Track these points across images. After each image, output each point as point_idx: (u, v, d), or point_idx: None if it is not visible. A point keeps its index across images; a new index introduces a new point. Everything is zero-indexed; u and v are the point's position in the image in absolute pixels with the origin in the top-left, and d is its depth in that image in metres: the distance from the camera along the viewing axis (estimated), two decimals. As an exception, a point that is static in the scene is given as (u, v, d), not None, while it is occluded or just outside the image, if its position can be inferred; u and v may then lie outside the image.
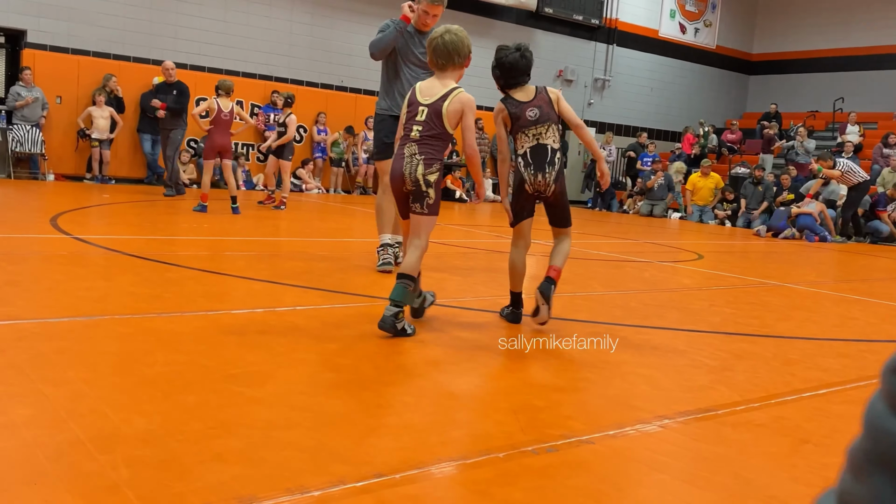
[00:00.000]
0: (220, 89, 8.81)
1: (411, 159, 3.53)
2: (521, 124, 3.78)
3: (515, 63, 3.80)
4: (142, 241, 6.08)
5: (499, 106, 3.87)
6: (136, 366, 2.69)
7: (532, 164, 3.75)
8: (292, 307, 3.85)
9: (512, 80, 3.83)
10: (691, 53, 21.10)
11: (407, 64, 5.23)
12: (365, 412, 2.38)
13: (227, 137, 8.79)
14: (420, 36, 5.22)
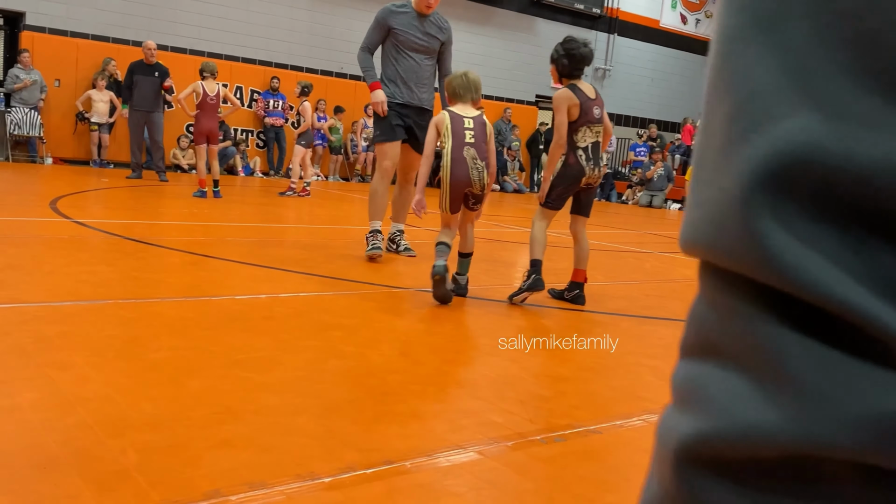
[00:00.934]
0: (204, 72, 8.72)
1: (474, 164, 3.97)
2: (588, 119, 4.08)
3: (587, 56, 4.13)
4: (143, 225, 6.06)
5: (567, 94, 4.07)
6: (141, 350, 2.68)
7: (592, 158, 4.08)
8: (295, 293, 3.84)
9: (577, 72, 4.14)
10: (692, 44, 21.04)
11: (408, 49, 5.13)
12: (372, 399, 2.38)
13: (215, 121, 8.73)
14: (421, 20, 5.11)
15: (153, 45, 10.95)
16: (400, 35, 5.05)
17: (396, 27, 5.05)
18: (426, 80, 5.20)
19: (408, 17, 5.06)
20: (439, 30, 5.16)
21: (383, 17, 5.07)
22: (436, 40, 5.14)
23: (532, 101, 18.50)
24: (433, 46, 5.15)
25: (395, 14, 5.06)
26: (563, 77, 4.20)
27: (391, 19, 5.05)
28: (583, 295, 4.26)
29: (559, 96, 4.10)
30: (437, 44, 5.16)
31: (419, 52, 5.11)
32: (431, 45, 5.14)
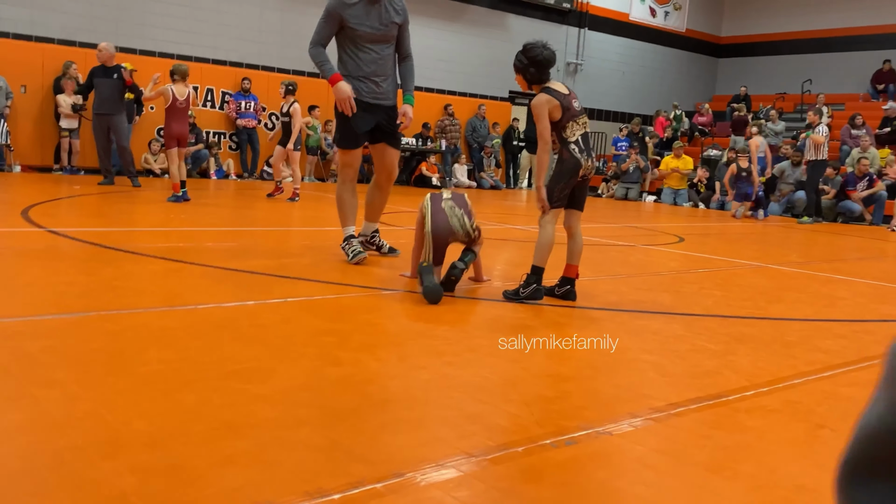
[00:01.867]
0: (175, 74, 8.55)
1: (452, 212, 4.18)
2: (573, 114, 4.08)
3: (551, 58, 4.10)
4: (119, 233, 5.91)
5: (545, 98, 4.04)
6: (129, 364, 2.58)
7: (585, 149, 4.09)
8: (283, 299, 3.74)
9: (546, 76, 4.11)
10: (662, 37, 21.14)
11: (367, 41, 4.79)
12: (374, 407, 2.30)
13: (185, 125, 8.57)
14: (376, 6, 4.75)
15: (105, 45, 10.46)
16: (357, 28, 4.71)
17: (351, 19, 4.70)
18: (389, 70, 4.92)
19: (361, 6, 4.70)
20: (395, 12, 4.82)
21: (335, 8, 4.69)
22: (394, 25, 4.82)
23: (506, 97, 18.46)
24: (392, 32, 4.83)
25: (347, 5, 4.68)
26: (534, 84, 4.15)
27: (344, 11, 4.69)
28: (574, 291, 4.22)
29: (538, 103, 4.04)
30: (396, 28, 4.84)
31: (379, 42, 4.80)
32: (390, 31, 4.82)
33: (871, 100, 18.86)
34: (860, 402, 2.72)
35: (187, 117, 8.61)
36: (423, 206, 4.31)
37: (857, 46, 19.79)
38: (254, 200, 9.64)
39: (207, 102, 13.99)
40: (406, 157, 16.06)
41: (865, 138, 14.58)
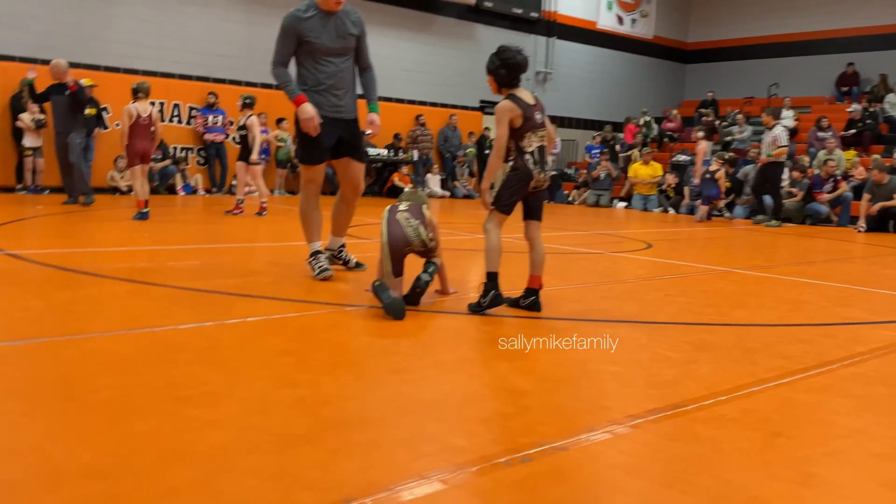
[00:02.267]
0: (139, 92, 8.49)
1: (408, 222, 4.17)
2: (532, 125, 4.09)
3: (524, 64, 4.13)
4: (80, 254, 5.82)
5: (509, 105, 4.06)
6: (79, 392, 2.52)
7: (539, 162, 4.09)
8: (242, 318, 3.69)
9: (516, 80, 4.14)
10: (629, 44, 21.34)
11: (326, 55, 4.73)
12: (328, 430, 2.27)
13: (149, 142, 8.50)
14: (332, 19, 4.69)
15: (56, 62, 10.08)
16: (314, 42, 4.66)
17: (308, 34, 4.64)
18: (349, 83, 4.88)
19: (316, 19, 4.65)
20: (352, 24, 4.78)
21: (291, 25, 4.64)
22: (352, 37, 4.79)
23: (476, 107, 18.51)
24: (350, 45, 4.80)
25: (303, 20, 4.63)
26: (503, 87, 4.18)
27: (300, 25, 4.63)
28: (539, 301, 4.21)
29: (501, 108, 4.08)
30: (354, 40, 4.81)
31: (338, 56, 4.75)
32: (348, 43, 4.78)
33: (836, 102, 19.15)
34: (816, 407, 2.74)
35: (150, 134, 8.53)
36: (382, 218, 4.29)
37: (822, 50, 20.10)
38: (220, 216, 9.55)
39: (174, 118, 13.88)
40: (378, 168, 16.04)
41: (831, 140, 14.79)
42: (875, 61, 18.86)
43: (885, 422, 2.63)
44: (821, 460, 2.22)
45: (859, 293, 5.55)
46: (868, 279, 6.47)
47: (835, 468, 2.16)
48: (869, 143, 16.05)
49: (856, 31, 19.54)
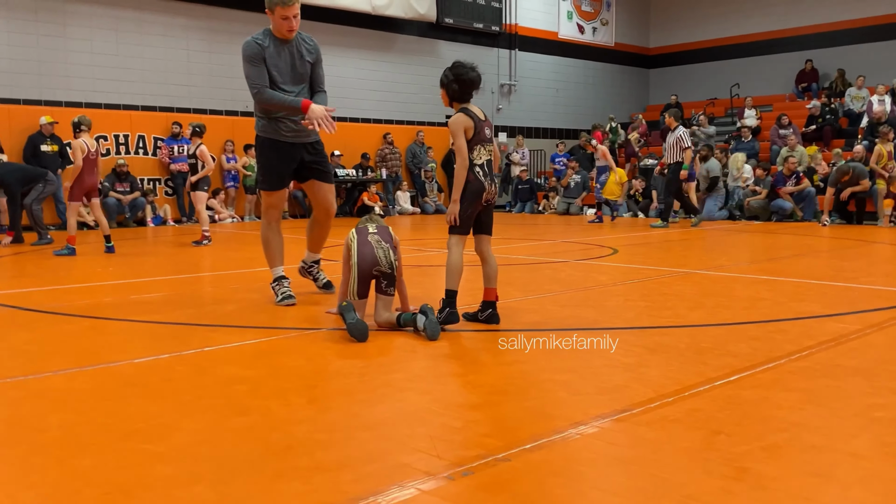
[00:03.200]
0: (81, 125, 8.50)
1: (379, 244, 4.16)
2: (481, 139, 4.18)
3: (476, 80, 4.23)
4: (39, 293, 5.79)
5: (462, 117, 4.18)
6: (27, 432, 2.53)
7: (488, 174, 4.19)
8: (199, 349, 3.71)
9: (468, 95, 4.24)
10: (592, 52, 21.58)
11: (282, 84, 4.76)
12: (274, 456, 2.29)
13: (96, 176, 8.54)
14: (287, 48, 4.75)
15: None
16: (272, 69, 4.69)
17: (268, 61, 4.68)
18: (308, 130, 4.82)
19: (274, 48, 4.70)
20: (308, 52, 4.84)
21: (256, 51, 4.66)
22: (306, 64, 4.84)
23: (443, 122, 18.59)
24: (305, 71, 4.85)
25: (263, 47, 4.68)
26: (455, 101, 4.27)
27: (262, 50, 4.68)
28: (496, 314, 4.26)
29: (455, 121, 4.18)
30: (308, 67, 4.86)
31: (294, 83, 4.79)
32: (304, 70, 4.84)
33: (797, 99, 19.48)
34: (759, 403, 2.80)
35: (96, 168, 8.59)
36: (349, 239, 4.30)
37: (780, 49, 20.45)
38: (186, 247, 9.52)
39: (140, 149, 13.85)
40: (348, 188, 16.07)
41: (792, 137, 15.04)
42: (832, 57, 19.23)
43: (825, 413, 2.69)
44: (756, 455, 2.27)
45: (815, 287, 5.65)
46: (825, 273, 6.59)
47: (769, 462, 2.22)
48: (830, 137, 16.33)
49: (812, 28, 19.91)
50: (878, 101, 15.74)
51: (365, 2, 16.28)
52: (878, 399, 2.85)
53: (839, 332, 3.99)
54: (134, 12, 13.81)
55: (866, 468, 2.19)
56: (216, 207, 14.33)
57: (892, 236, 10.30)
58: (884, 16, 18.65)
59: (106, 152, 13.40)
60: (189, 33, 14.48)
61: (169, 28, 14.21)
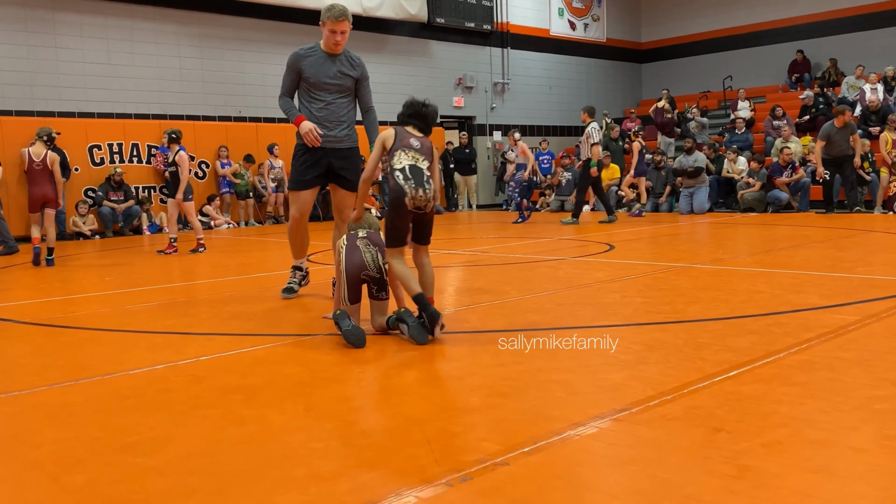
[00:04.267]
0: (37, 135, 8.54)
1: (367, 248, 4.13)
2: (403, 144, 4.13)
3: (426, 116, 4.29)
4: (35, 305, 5.77)
5: (388, 132, 4.21)
6: (21, 448, 2.51)
7: (412, 178, 3.99)
8: (195, 358, 3.68)
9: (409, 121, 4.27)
10: (584, 49, 21.55)
11: (319, 90, 5.05)
12: (270, 466, 2.27)
13: (47, 187, 8.47)
14: (331, 60, 5.03)
15: None
16: (310, 77, 5.01)
17: (306, 70, 5.01)
18: (342, 118, 5.14)
19: (316, 58, 5.02)
20: (351, 67, 5.11)
21: (293, 61, 5.03)
22: (348, 78, 5.10)
23: (437, 122, 18.56)
24: (346, 84, 5.11)
25: (304, 57, 5.01)
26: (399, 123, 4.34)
27: (301, 62, 5.01)
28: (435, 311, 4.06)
29: (380, 135, 4.32)
30: (350, 81, 5.12)
31: (331, 92, 5.06)
32: (343, 83, 5.09)
33: (790, 90, 19.46)
34: (759, 399, 2.78)
35: (48, 179, 8.50)
36: (339, 244, 4.29)
37: (771, 40, 20.44)
38: (182, 255, 9.48)
39: (133, 157, 13.81)
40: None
41: (786, 128, 15.02)
42: (823, 47, 19.22)
43: (826, 407, 2.67)
44: (757, 452, 2.25)
45: (813, 278, 5.64)
46: (823, 263, 6.57)
47: (770, 459, 2.20)
48: (824, 127, 16.30)
49: (802, 18, 19.90)
50: (870, 89, 15.73)
51: (355, 3, 16.24)
52: (878, 391, 2.83)
53: (838, 324, 3.98)
54: (124, 20, 13.76)
55: (868, 462, 2.17)
56: (212, 214, 14.30)
57: (888, 224, 10.29)
58: (873, 4, 18.64)
59: (100, 161, 13.39)
60: (180, 40, 14.44)
61: (160, 35, 14.17)
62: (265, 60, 15.37)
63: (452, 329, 4.15)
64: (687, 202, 14.12)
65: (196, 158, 14.39)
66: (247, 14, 15.07)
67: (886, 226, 10.15)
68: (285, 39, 15.64)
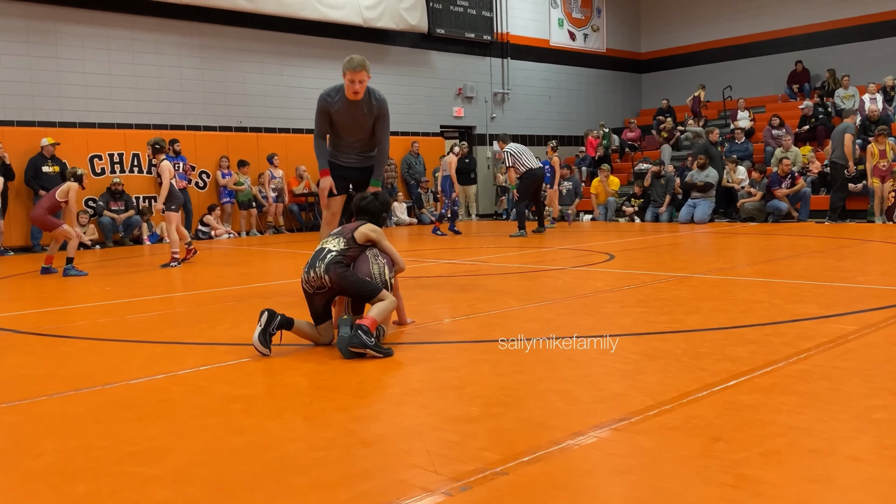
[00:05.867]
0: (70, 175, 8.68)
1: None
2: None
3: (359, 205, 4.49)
4: (36, 314, 5.77)
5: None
6: (21, 458, 2.51)
7: (313, 262, 4.08)
8: (195, 368, 3.69)
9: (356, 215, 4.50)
10: (583, 59, 21.63)
11: (343, 132, 5.47)
12: (270, 476, 2.27)
13: (40, 211, 8.64)
14: (352, 104, 5.33)
15: None
16: (336, 122, 5.41)
17: (332, 113, 5.37)
18: (364, 149, 5.60)
19: (340, 102, 5.32)
20: (370, 109, 5.39)
21: (322, 105, 5.37)
22: (368, 118, 5.43)
23: (437, 133, 18.65)
24: (367, 124, 5.45)
25: (330, 100, 5.33)
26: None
27: (329, 106, 5.34)
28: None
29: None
30: (371, 121, 5.44)
31: (353, 133, 5.46)
32: (365, 124, 5.44)
33: (790, 100, 19.52)
34: (758, 408, 2.78)
35: (47, 205, 8.61)
36: None
37: (770, 50, 20.51)
38: (182, 264, 9.49)
39: (134, 167, 13.85)
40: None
41: (786, 138, 15.07)
42: (822, 57, 19.28)
43: (824, 417, 2.68)
44: (756, 461, 2.26)
45: (812, 288, 5.64)
46: (822, 273, 6.58)
47: (768, 468, 2.20)
48: (823, 137, 16.34)
49: (801, 29, 19.97)
50: (869, 99, 15.78)
51: (356, 14, 16.33)
52: (877, 400, 2.84)
53: (837, 334, 3.98)
54: (126, 31, 13.83)
55: (866, 472, 2.18)
56: (212, 224, 14.33)
57: (886, 234, 10.31)
58: (872, 14, 18.72)
59: (101, 171, 13.43)
60: (181, 50, 14.50)
61: (161, 46, 14.23)
62: (266, 71, 15.45)
63: (452, 339, 4.15)
64: (689, 212, 14.15)
65: (197, 168, 14.44)
66: (248, 25, 15.14)
67: (885, 235, 10.16)
68: (286, 50, 15.72)
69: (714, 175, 14.30)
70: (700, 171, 14.35)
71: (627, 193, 16.06)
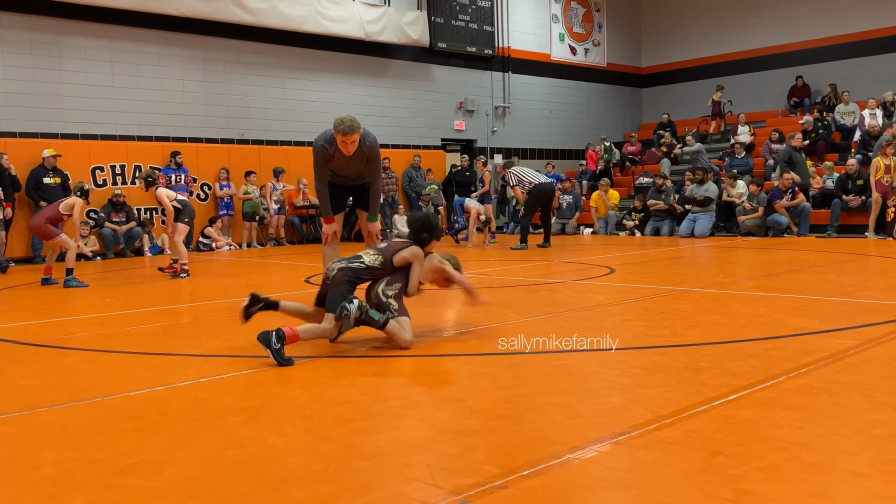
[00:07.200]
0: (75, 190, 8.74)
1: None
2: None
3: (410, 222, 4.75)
4: (37, 326, 5.78)
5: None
6: (20, 470, 2.51)
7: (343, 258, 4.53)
8: (195, 380, 3.69)
9: None
10: (584, 73, 21.71)
11: (338, 174, 5.71)
12: (270, 489, 2.27)
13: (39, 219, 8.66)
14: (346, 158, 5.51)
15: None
16: (333, 165, 5.61)
17: (329, 157, 5.55)
18: (358, 177, 5.83)
19: (335, 150, 5.47)
20: (361, 154, 5.53)
21: (320, 154, 5.51)
22: (360, 163, 5.62)
23: (439, 146, 18.70)
24: (360, 164, 5.65)
25: (327, 151, 5.47)
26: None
27: (326, 153, 5.48)
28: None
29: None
30: (364, 160, 5.61)
31: (347, 171, 5.69)
32: (359, 164, 5.63)
33: (790, 115, 19.57)
34: (758, 423, 2.78)
35: (48, 214, 8.64)
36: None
37: (771, 65, 20.58)
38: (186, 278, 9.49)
39: (136, 179, 13.86)
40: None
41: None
42: (823, 72, 19.35)
43: (824, 431, 2.68)
44: (756, 476, 2.26)
45: (812, 303, 5.64)
46: (822, 288, 6.58)
47: (768, 483, 2.20)
48: (823, 152, 16.40)
49: (802, 44, 20.05)
50: (869, 114, 15.82)
51: (358, 28, 16.41)
52: (877, 415, 2.84)
53: (837, 348, 3.98)
54: (128, 44, 13.89)
55: (866, 487, 2.17)
56: (213, 236, 14.34)
57: (887, 249, 10.31)
58: (872, 31, 18.80)
59: (102, 183, 13.46)
60: (184, 63, 14.56)
61: (164, 58, 14.29)
62: (268, 84, 15.51)
63: (452, 352, 4.15)
64: (689, 226, 14.17)
65: (198, 181, 14.48)
66: (250, 38, 15.21)
67: (885, 250, 10.17)
68: (288, 63, 15.79)
69: (714, 189, 14.33)
70: (699, 186, 14.38)
71: (628, 207, 16.09)
